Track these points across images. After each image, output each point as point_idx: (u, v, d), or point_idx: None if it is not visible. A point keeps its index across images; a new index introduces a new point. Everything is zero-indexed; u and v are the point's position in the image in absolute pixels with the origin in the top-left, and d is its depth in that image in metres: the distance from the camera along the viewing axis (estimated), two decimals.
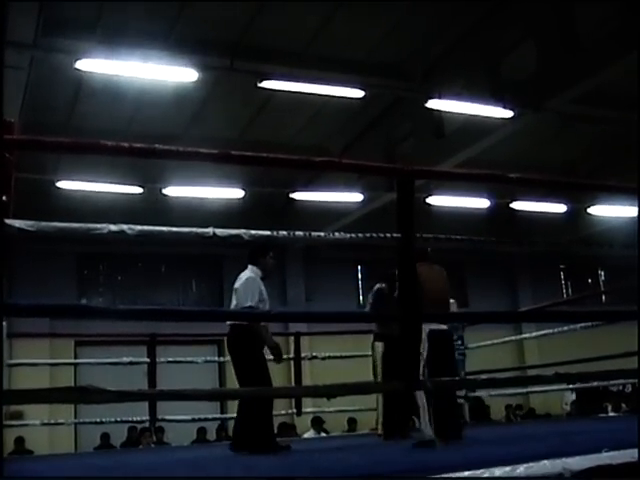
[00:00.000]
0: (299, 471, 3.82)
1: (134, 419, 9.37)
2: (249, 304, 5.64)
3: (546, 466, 2.71)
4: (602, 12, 9.83)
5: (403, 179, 3.74)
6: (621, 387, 12.79)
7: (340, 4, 9.99)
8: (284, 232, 3.66)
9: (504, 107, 10.63)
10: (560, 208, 15.36)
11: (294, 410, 9.58)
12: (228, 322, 5.75)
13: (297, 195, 14.09)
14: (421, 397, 5.32)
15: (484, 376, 7.64)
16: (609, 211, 14.92)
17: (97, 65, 9.24)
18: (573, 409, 13.86)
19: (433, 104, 11.02)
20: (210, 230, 3.47)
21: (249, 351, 5.73)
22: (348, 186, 13.15)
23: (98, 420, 9.22)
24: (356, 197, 13.67)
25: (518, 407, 14.95)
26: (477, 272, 17.72)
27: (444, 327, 5.56)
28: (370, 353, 7.41)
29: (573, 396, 13.98)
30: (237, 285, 5.88)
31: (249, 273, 5.95)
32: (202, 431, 12.75)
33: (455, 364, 6.14)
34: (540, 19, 10.19)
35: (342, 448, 6.31)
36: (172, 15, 9.81)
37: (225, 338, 5.96)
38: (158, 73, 9.63)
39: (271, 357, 5.99)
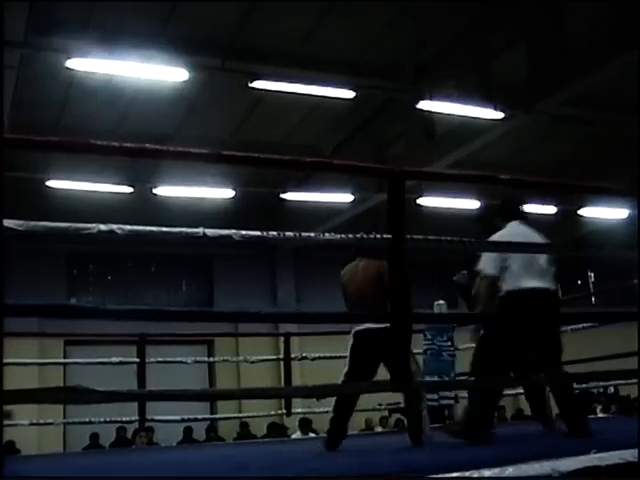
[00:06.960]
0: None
1: (123, 419, 9.37)
2: None
3: (535, 467, 2.71)
4: (593, 15, 9.88)
5: (394, 180, 3.73)
6: (602, 389, 12.76)
7: (332, 5, 9.99)
8: (274, 232, 3.65)
9: (495, 109, 10.67)
10: (550, 209, 15.39)
11: (284, 410, 9.60)
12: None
13: (288, 195, 14.09)
14: None
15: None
16: (599, 213, 14.99)
17: (88, 64, 9.22)
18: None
19: (424, 105, 11.04)
20: (200, 230, 3.45)
21: None
22: (339, 186, 13.16)
23: (87, 420, 9.18)
24: (347, 197, 13.68)
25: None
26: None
27: (375, 326, 5.20)
28: None
29: None
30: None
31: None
32: (188, 431, 12.70)
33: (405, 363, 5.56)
34: (531, 21, 10.23)
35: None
36: (163, 15, 9.78)
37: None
38: (149, 72, 9.62)
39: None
